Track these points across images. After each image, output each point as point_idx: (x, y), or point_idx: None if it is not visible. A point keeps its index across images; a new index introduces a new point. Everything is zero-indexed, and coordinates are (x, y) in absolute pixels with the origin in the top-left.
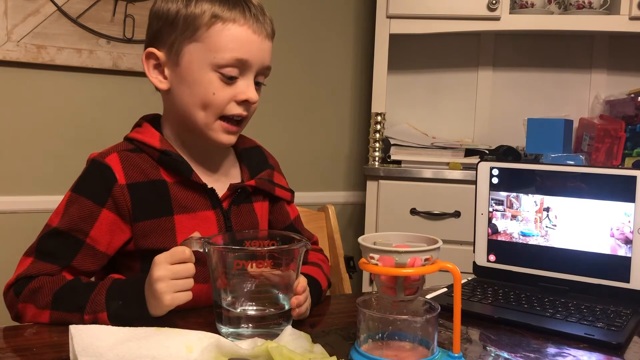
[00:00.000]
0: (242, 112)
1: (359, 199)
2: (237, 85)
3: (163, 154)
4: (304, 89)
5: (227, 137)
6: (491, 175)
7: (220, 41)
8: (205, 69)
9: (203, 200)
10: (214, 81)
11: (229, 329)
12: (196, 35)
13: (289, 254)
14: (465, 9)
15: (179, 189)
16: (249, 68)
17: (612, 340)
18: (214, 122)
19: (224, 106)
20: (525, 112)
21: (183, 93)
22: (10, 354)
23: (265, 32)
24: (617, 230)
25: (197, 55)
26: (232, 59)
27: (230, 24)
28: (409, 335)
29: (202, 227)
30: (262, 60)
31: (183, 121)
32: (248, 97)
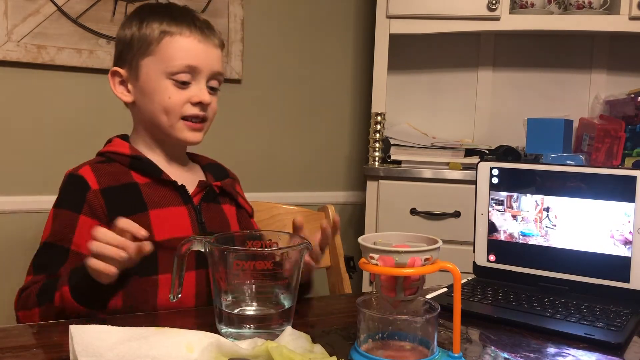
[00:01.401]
0: (198, 112)
1: (359, 199)
2: (190, 89)
3: (133, 159)
4: (304, 89)
5: (192, 135)
6: (491, 175)
7: (170, 51)
8: (160, 77)
9: (175, 197)
10: (169, 87)
11: (229, 329)
12: (149, 50)
13: (289, 254)
14: (465, 9)
15: (151, 188)
16: (199, 73)
17: (612, 340)
18: (177, 122)
19: (181, 108)
20: (525, 112)
21: (146, 102)
22: (10, 354)
23: (212, 42)
24: (617, 231)
25: (152, 67)
26: (181, 65)
27: (177, 36)
28: (409, 335)
29: (176, 221)
30: (210, 66)
31: (151, 129)
32: (201, 99)
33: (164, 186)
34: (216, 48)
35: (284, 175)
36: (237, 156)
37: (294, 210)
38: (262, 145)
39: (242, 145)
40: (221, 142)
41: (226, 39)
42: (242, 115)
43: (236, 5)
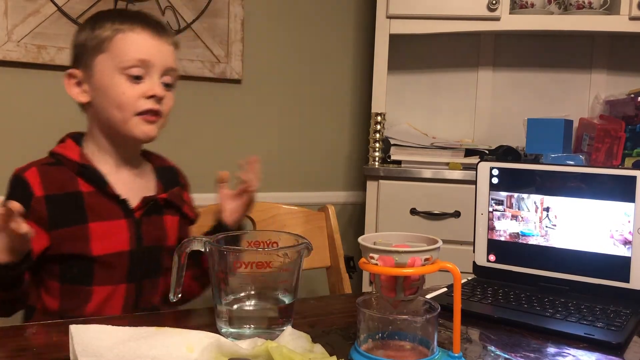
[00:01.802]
0: (152, 105)
1: (359, 199)
2: (144, 84)
3: (81, 167)
4: (304, 89)
5: (147, 128)
6: (491, 175)
7: (123, 47)
8: (113, 73)
9: (117, 210)
10: (122, 83)
11: (229, 329)
12: (102, 48)
13: (289, 254)
14: (465, 9)
15: (95, 199)
16: (152, 67)
17: (612, 340)
18: (131, 118)
19: (135, 103)
20: (525, 112)
21: (100, 100)
22: (10, 354)
23: (165, 40)
24: (616, 231)
25: (106, 64)
26: (134, 60)
27: (129, 32)
28: (409, 335)
29: (114, 235)
30: (163, 61)
31: (106, 129)
32: (155, 92)
33: (108, 197)
34: (169, 45)
35: (284, 175)
36: (237, 156)
37: (294, 210)
38: (262, 145)
39: (242, 145)
40: (221, 142)
41: (226, 39)
42: (242, 115)
43: (236, 5)
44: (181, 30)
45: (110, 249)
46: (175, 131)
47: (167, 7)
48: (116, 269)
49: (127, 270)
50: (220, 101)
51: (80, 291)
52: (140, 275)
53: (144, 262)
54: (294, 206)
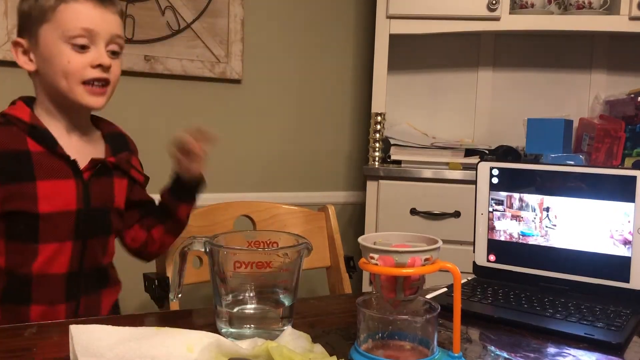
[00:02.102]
0: (99, 74)
1: (359, 199)
2: (90, 53)
3: (31, 127)
4: (304, 89)
5: (93, 99)
6: (491, 175)
7: (66, 17)
8: (58, 42)
9: (66, 170)
10: (67, 51)
11: (229, 329)
12: (46, 18)
13: (289, 254)
14: (465, 9)
15: (44, 158)
16: (97, 36)
17: (612, 340)
18: (77, 86)
19: (81, 72)
20: (525, 112)
21: (46, 69)
22: (10, 354)
23: (109, 9)
24: (616, 231)
25: (50, 33)
26: (78, 29)
27: (72, 2)
28: (409, 335)
29: (62, 194)
30: (109, 30)
31: (53, 96)
32: (101, 61)
33: (57, 158)
34: (114, 14)
35: (284, 175)
36: (237, 156)
37: (294, 210)
38: (262, 145)
39: (242, 145)
40: (221, 143)
41: (226, 39)
42: (242, 115)
43: (236, 5)
44: (181, 30)
45: (57, 207)
46: (175, 131)
47: (167, 7)
48: (62, 227)
49: (73, 228)
50: (220, 101)
51: (26, 248)
52: (86, 234)
53: (90, 221)
54: (294, 206)
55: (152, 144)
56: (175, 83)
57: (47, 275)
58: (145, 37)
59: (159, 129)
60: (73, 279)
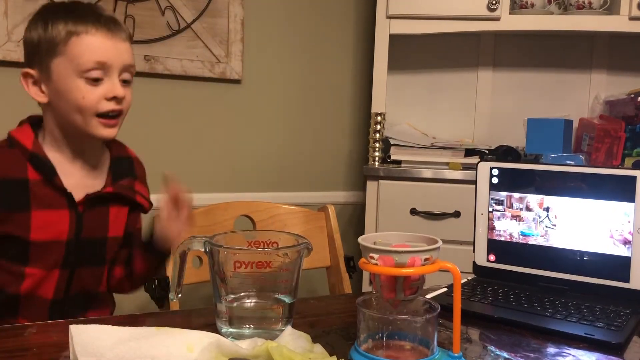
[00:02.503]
0: (114, 107)
1: (359, 199)
2: (103, 85)
3: (31, 155)
4: (304, 89)
5: (107, 131)
6: (491, 175)
7: (78, 50)
8: (71, 77)
9: (61, 201)
10: (82, 86)
11: (229, 329)
12: (57, 51)
13: (289, 254)
14: (465, 9)
15: (41, 188)
16: (110, 68)
17: (612, 340)
18: (92, 120)
19: (96, 105)
20: (525, 112)
21: (60, 102)
22: (10, 354)
23: (119, 37)
24: (616, 231)
25: (63, 67)
26: (91, 62)
27: (83, 35)
28: (409, 335)
29: (55, 225)
30: (121, 60)
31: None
32: (115, 93)
33: (54, 188)
34: (124, 42)
35: (284, 175)
36: (237, 156)
37: (294, 210)
38: (262, 145)
39: (242, 145)
40: (221, 143)
41: (226, 39)
42: (242, 115)
43: (236, 5)
44: (181, 30)
45: (49, 236)
46: (175, 131)
47: (167, 7)
48: (51, 256)
49: (62, 257)
50: (220, 101)
51: (15, 270)
52: (75, 264)
53: (80, 251)
54: (294, 206)
55: (152, 144)
56: (175, 83)
57: (34, 297)
58: (145, 37)
59: (159, 129)
60: (57, 305)
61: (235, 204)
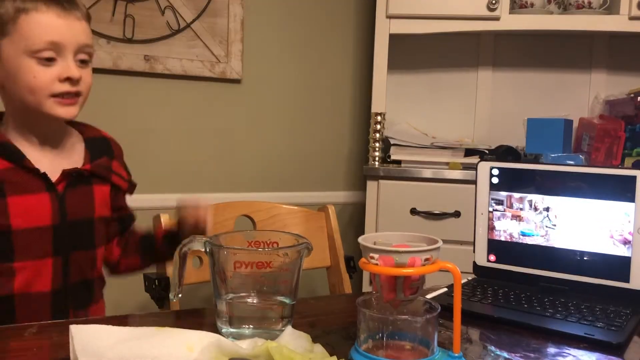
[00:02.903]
0: (68, 88)
1: (359, 199)
2: (57, 66)
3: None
4: (304, 89)
5: (64, 110)
6: (491, 175)
7: (28, 29)
8: (21, 57)
9: (38, 184)
10: (33, 66)
11: (230, 329)
12: (6, 30)
13: (289, 254)
14: (465, 9)
15: (13, 174)
16: (64, 48)
17: (612, 340)
18: (46, 100)
19: (49, 86)
20: (525, 112)
21: (11, 84)
22: (10, 354)
23: (74, 15)
24: (616, 231)
25: (12, 47)
26: (42, 42)
27: (33, 12)
28: (409, 335)
29: (35, 210)
30: (75, 40)
31: (21, 110)
32: (69, 74)
33: (26, 172)
34: (79, 20)
35: (284, 175)
36: (237, 156)
37: (294, 210)
38: (262, 145)
39: (242, 145)
40: (221, 143)
41: (226, 39)
42: (242, 115)
43: (236, 5)
44: (181, 30)
45: (31, 223)
46: (175, 131)
47: (167, 7)
48: (38, 244)
49: (51, 244)
50: (220, 101)
51: (2, 269)
52: (67, 249)
53: (70, 235)
54: (294, 206)
55: (152, 144)
56: (175, 83)
57: (30, 295)
58: (145, 37)
59: (159, 129)
60: (59, 297)
61: (235, 204)
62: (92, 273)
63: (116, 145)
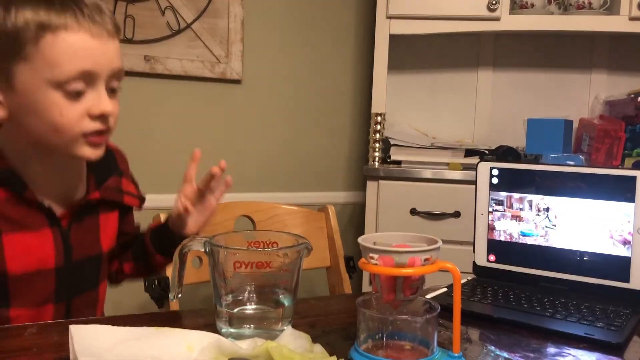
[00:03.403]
0: (100, 127)
1: (359, 199)
2: (86, 99)
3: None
4: (304, 89)
5: (93, 152)
6: (491, 175)
7: (55, 55)
8: (43, 89)
9: (39, 219)
10: (59, 101)
11: (229, 329)
12: (24, 53)
13: (289, 254)
14: (465, 9)
15: (10, 206)
16: (96, 77)
17: (612, 340)
18: (73, 142)
19: (78, 124)
20: (525, 112)
21: (28, 120)
22: (10, 354)
23: (106, 33)
24: (616, 231)
25: (31, 76)
26: (73, 72)
27: (62, 32)
28: (409, 335)
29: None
30: (109, 66)
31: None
32: (102, 110)
33: (27, 205)
34: (113, 39)
35: (284, 175)
36: (237, 156)
37: (293, 211)
38: (262, 145)
39: (242, 145)
40: (221, 143)
41: (226, 39)
42: (242, 115)
43: (236, 5)
44: (181, 31)
45: (30, 266)
46: (175, 131)
47: (167, 7)
48: (39, 289)
49: (53, 290)
50: (220, 101)
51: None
52: (71, 294)
53: (74, 278)
54: (294, 206)
55: (152, 145)
56: (175, 83)
57: None
58: (145, 37)
59: (159, 129)
60: None
61: (235, 204)
62: (94, 314)
63: (122, 157)
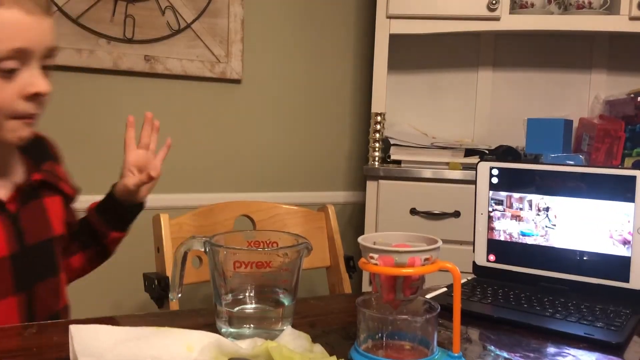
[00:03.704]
0: (35, 109)
1: (359, 199)
2: (19, 77)
3: None
4: (304, 89)
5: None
6: (491, 175)
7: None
8: None
9: None
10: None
11: (229, 329)
12: None
13: (289, 254)
14: (465, 9)
15: None
16: (30, 55)
17: (611, 340)
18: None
19: (10, 105)
20: (525, 112)
21: None
22: (10, 354)
23: (40, 9)
24: (616, 231)
25: None
26: (6, 50)
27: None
28: (409, 335)
29: None
30: (44, 43)
31: None
32: (38, 89)
33: None
34: (47, 15)
35: (284, 175)
36: (237, 156)
37: (294, 210)
38: (262, 145)
39: (242, 145)
40: (221, 143)
41: (226, 39)
42: (242, 115)
43: (236, 5)
44: (181, 30)
45: None
46: (175, 131)
47: (167, 7)
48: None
49: (11, 279)
50: (220, 101)
51: None
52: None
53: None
54: (294, 206)
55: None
56: (175, 83)
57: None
58: (145, 37)
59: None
60: None
61: (235, 204)
62: (57, 304)
63: (52, 145)
